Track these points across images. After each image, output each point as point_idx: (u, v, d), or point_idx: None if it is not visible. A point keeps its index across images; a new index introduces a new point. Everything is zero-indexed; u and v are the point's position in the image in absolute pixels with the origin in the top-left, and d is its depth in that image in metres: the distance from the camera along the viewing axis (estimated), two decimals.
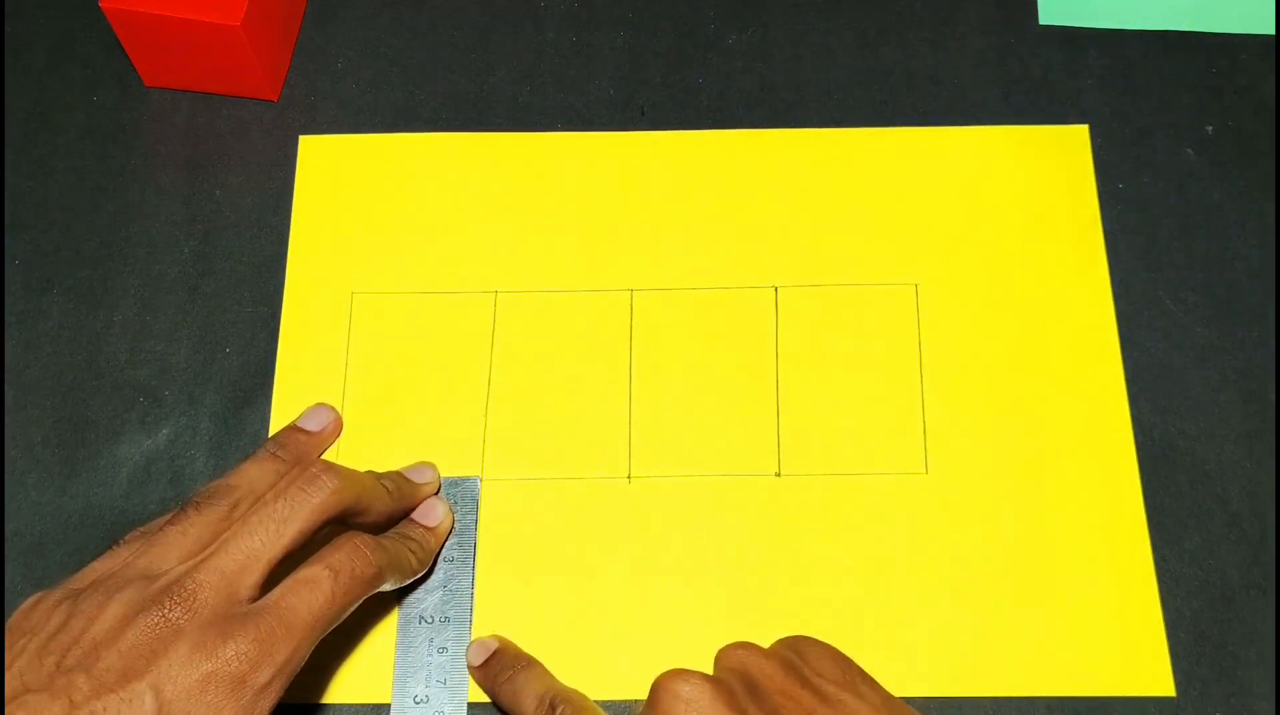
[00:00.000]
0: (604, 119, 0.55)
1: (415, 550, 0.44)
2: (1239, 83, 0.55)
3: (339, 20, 0.58)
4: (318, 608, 0.40)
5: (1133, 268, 0.51)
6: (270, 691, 0.38)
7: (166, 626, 0.38)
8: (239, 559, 0.39)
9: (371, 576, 0.41)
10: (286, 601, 0.39)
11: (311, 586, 0.40)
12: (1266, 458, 0.48)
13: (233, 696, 0.38)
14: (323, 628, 0.40)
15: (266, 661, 0.38)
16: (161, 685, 0.37)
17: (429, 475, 0.47)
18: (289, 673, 0.39)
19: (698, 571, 0.47)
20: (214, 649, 0.38)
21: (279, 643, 0.38)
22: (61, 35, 0.58)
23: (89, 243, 0.53)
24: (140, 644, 0.37)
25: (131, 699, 0.36)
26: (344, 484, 0.42)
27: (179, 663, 0.37)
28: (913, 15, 0.57)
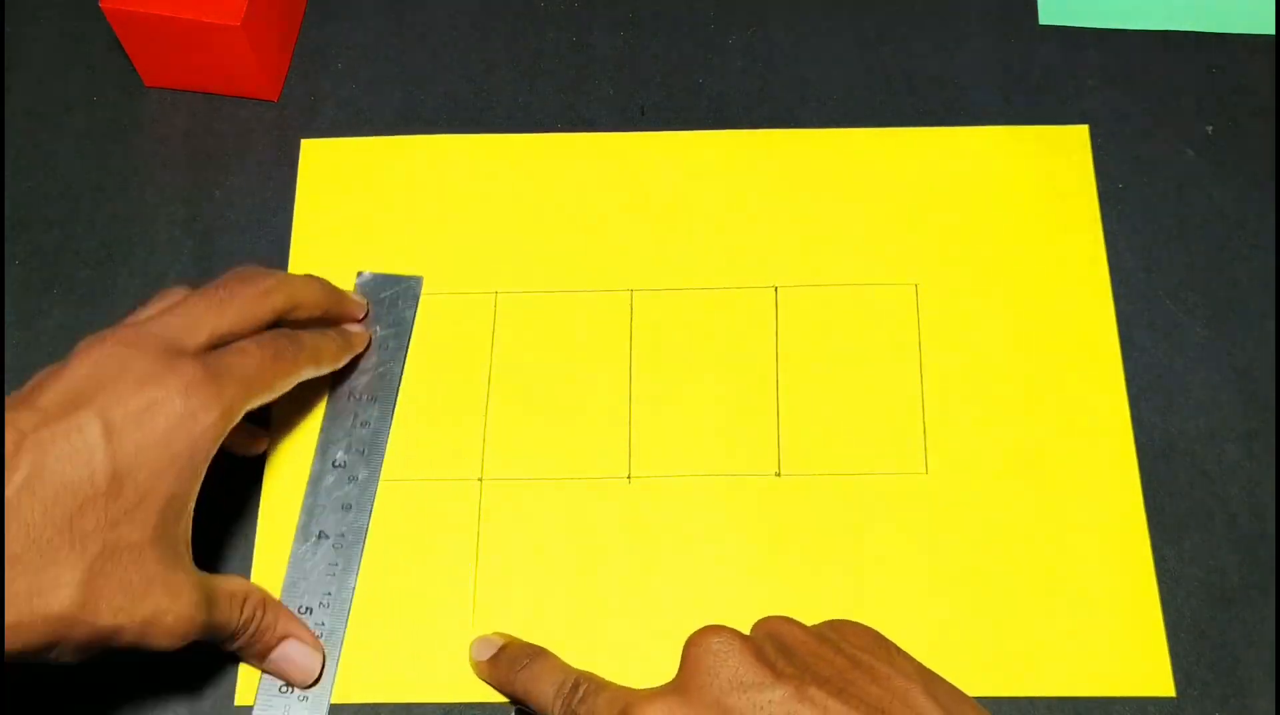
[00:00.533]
0: (604, 119, 0.55)
1: (334, 341, 0.48)
2: (1239, 83, 0.55)
3: (339, 20, 0.58)
4: (251, 369, 0.42)
5: (1133, 268, 0.51)
6: (212, 432, 0.40)
7: (111, 360, 0.40)
8: (184, 321, 0.42)
9: (293, 355, 0.44)
10: (222, 359, 0.42)
11: (243, 353, 0.43)
12: (1266, 458, 0.48)
13: (179, 429, 0.40)
14: (255, 391, 0.43)
15: (212, 402, 0.40)
16: (108, 411, 0.38)
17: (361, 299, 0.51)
18: (228, 418, 0.41)
19: (698, 571, 0.47)
20: (160, 379, 0.40)
21: (221, 387, 0.41)
22: (61, 35, 0.58)
23: (89, 243, 0.53)
24: (85, 377, 0.39)
25: (79, 426, 0.38)
26: (281, 277, 0.46)
27: (126, 391, 0.39)
28: (913, 15, 0.57)
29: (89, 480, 0.38)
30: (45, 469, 0.37)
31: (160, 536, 0.39)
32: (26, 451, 0.37)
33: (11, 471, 0.37)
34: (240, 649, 0.44)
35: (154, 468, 0.39)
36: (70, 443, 0.38)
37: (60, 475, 0.38)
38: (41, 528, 0.37)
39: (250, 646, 0.44)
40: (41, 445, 0.38)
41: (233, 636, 0.43)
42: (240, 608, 0.43)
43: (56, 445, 0.38)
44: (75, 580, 0.37)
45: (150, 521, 0.39)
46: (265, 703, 0.45)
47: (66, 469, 0.38)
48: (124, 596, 0.38)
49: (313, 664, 0.44)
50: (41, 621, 0.37)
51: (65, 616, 0.37)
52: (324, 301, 0.48)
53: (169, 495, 0.40)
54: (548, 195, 0.53)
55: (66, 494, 0.38)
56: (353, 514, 0.47)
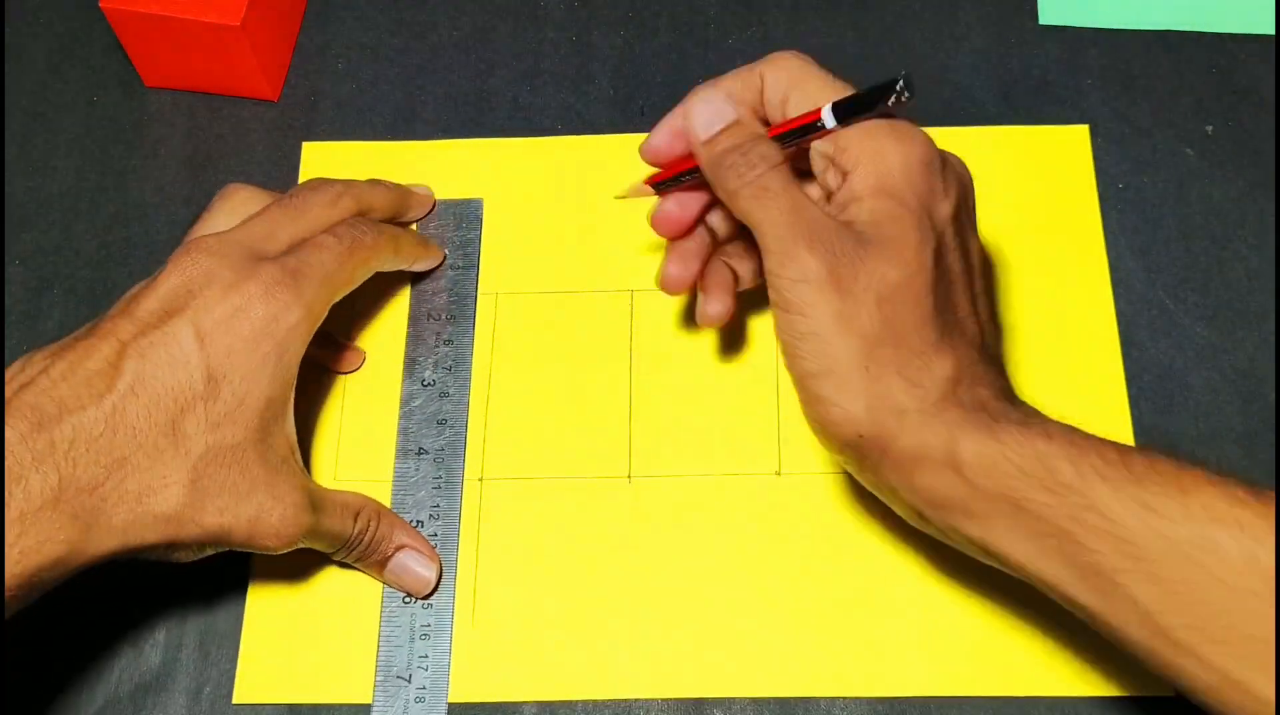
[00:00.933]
0: (604, 119, 0.55)
1: (413, 236, 0.50)
2: (1239, 83, 0.55)
3: (339, 20, 0.58)
4: (329, 264, 0.44)
5: (1133, 268, 0.51)
6: (299, 332, 0.42)
7: (198, 269, 0.41)
8: (264, 228, 0.44)
9: (371, 244, 0.46)
10: (301, 256, 0.43)
11: (319, 247, 0.44)
12: (1267, 458, 0.48)
13: (265, 332, 0.41)
14: (336, 284, 0.44)
15: (294, 301, 0.42)
16: (199, 318, 0.40)
17: (425, 190, 0.52)
18: (313, 318, 0.43)
19: (698, 571, 0.47)
20: (244, 285, 0.41)
21: (302, 285, 0.42)
22: (61, 35, 0.58)
23: (89, 243, 0.53)
24: (175, 288, 0.41)
25: (174, 333, 0.40)
26: (349, 183, 0.47)
27: (213, 299, 0.41)
28: (913, 15, 0.57)
29: (188, 384, 0.40)
30: (146, 375, 0.39)
31: (260, 439, 0.41)
32: (128, 358, 0.39)
33: (115, 377, 0.39)
34: (358, 560, 0.45)
35: (246, 370, 0.41)
36: (168, 349, 0.40)
37: (160, 380, 0.39)
38: (146, 431, 0.39)
39: (367, 557, 0.45)
40: (141, 352, 0.40)
41: (348, 548, 0.44)
42: (354, 519, 0.44)
43: (155, 351, 0.40)
44: (181, 480, 0.39)
45: (250, 424, 0.41)
46: (390, 617, 0.46)
47: (165, 374, 0.40)
48: (228, 497, 0.40)
49: (429, 573, 0.46)
50: (152, 520, 0.39)
51: (174, 516, 0.39)
52: (393, 202, 0.49)
53: (265, 397, 0.41)
54: (548, 197, 0.53)
55: (168, 398, 0.39)
56: (449, 428, 0.49)
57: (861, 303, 0.37)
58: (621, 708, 0.45)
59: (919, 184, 0.38)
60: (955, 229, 0.39)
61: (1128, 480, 0.34)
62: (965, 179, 0.41)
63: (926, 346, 0.37)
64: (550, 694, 0.45)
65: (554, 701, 0.45)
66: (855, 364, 0.37)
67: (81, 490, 0.37)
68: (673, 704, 0.45)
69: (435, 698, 0.45)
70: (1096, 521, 0.34)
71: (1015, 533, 0.36)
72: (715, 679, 0.45)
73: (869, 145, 0.38)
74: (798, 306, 0.38)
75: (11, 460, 0.36)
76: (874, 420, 0.37)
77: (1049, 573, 0.36)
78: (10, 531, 0.36)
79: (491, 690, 0.45)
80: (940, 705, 0.45)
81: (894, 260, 0.37)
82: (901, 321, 0.37)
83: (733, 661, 0.45)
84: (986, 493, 0.36)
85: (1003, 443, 0.36)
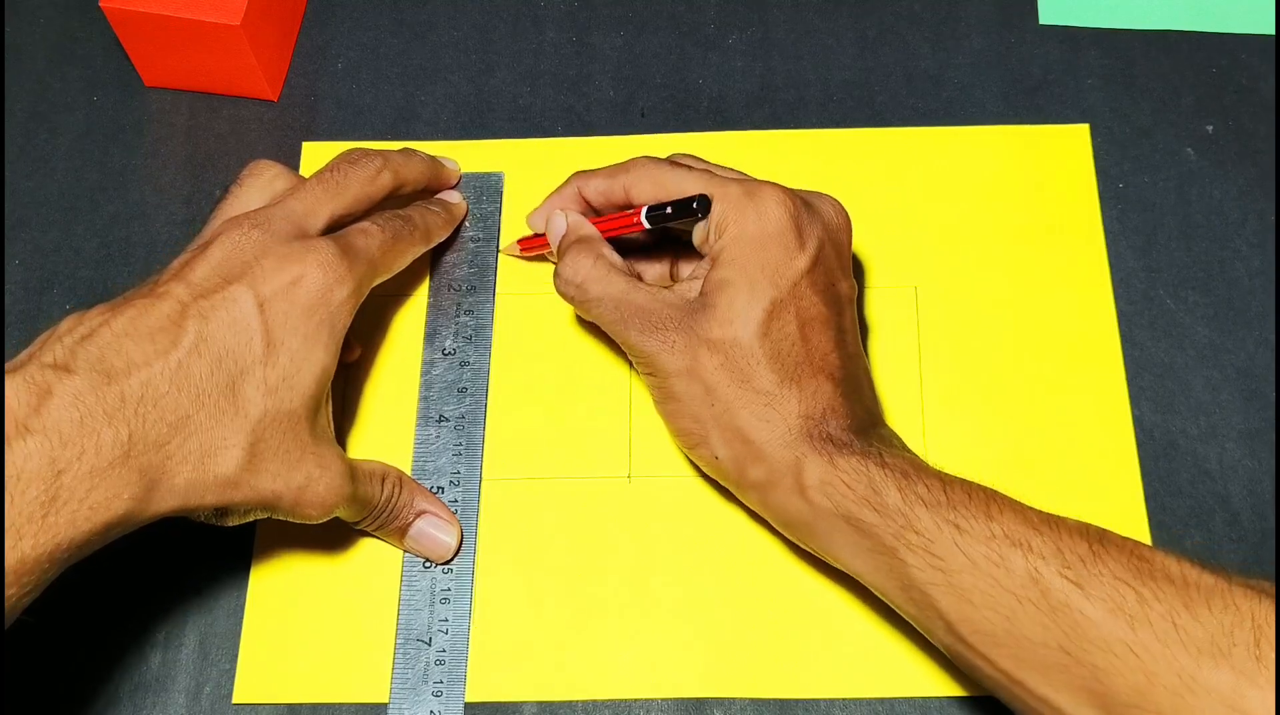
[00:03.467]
0: (604, 120, 0.55)
1: (440, 215, 0.50)
2: (1239, 83, 0.55)
3: (339, 20, 0.58)
4: (375, 250, 0.45)
5: (1133, 268, 0.51)
6: (347, 306, 0.43)
7: (249, 241, 0.42)
8: (306, 205, 0.44)
9: (409, 234, 0.48)
10: (350, 239, 0.45)
11: (367, 234, 0.45)
12: (1267, 457, 0.48)
13: (320, 302, 0.42)
14: (378, 269, 0.46)
15: (346, 275, 0.43)
16: (258, 285, 0.41)
17: (453, 163, 0.53)
18: (359, 294, 0.44)
19: (698, 571, 0.47)
20: (298, 258, 0.42)
21: (352, 263, 0.43)
22: (61, 35, 0.58)
23: (89, 243, 0.53)
24: (229, 257, 0.42)
25: (235, 298, 0.40)
26: (387, 157, 0.48)
27: (270, 268, 0.41)
28: (913, 15, 0.57)
29: (247, 348, 0.40)
30: (208, 335, 0.40)
31: (311, 408, 0.42)
32: (191, 318, 0.40)
33: (179, 335, 0.39)
34: (379, 528, 0.46)
35: (301, 338, 0.41)
36: (229, 312, 0.40)
37: (222, 341, 0.40)
38: (208, 392, 0.39)
39: (389, 524, 0.46)
40: (203, 313, 0.40)
41: (374, 516, 0.45)
42: (380, 485, 0.45)
43: (217, 313, 0.40)
44: (240, 443, 0.40)
45: (304, 391, 0.41)
46: (411, 581, 0.46)
47: (227, 335, 0.40)
48: (281, 462, 0.41)
49: (450, 539, 0.46)
50: (212, 481, 0.39)
51: (232, 478, 0.39)
52: (426, 175, 0.50)
53: (318, 366, 0.42)
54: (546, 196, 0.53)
55: (229, 359, 0.40)
56: (469, 396, 0.49)
57: (697, 358, 0.42)
58: (621, 708, 0.45)
59: (765, 249, 0.43)
60: (810, 281, 0.43)
61: (944, 505, 0.39)
62: (832, 225, 0.45)
63: (770, 386, 0.42)
64: (550, 694, 0.45)
65: (554, 701, 0.45)
66: (701, 403, 0.43)
67: (149, 447, 0.37)
68: (673, 704, 0.45)
69: (455, 660, 0.45)
70: (915, 540, 0.39)
71: (851, 549, 0.40)
72: (715, 679, 0.45)
73: (732, 216, 0.43)
74: (647, 370, 0.44)
75: (83, 411, 0.36)
76: (727, 446, 0.42)
77: (879, 584, 0.40)
78: (80, 486, 0.36)
79: (492, 690, 0.45)
80: (941, 705, 0.45)
81: (719, 321, 0.42)
82: (740, 367, 0.42)
83: (733, 661, 0.45)
84: (826, 512, 0.40)
85: (839, 469, 0.40)
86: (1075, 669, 0.35)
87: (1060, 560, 0.37)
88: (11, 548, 0.34)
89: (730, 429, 0.42)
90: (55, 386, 0.36)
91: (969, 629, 0.38)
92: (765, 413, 0.42)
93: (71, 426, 0.36)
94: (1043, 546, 0.37)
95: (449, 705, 0.45)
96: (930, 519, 0.38)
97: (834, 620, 0.46)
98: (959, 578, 0.37)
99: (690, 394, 0.43)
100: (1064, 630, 0.36)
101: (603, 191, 0.48)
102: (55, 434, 0.36)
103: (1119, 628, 0.35)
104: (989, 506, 0.39)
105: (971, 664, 0.38)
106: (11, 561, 0.34)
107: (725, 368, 0.42)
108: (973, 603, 0.37)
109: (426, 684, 0.45)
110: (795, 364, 0.42)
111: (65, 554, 0.36)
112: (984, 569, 0.37)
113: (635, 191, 0.47)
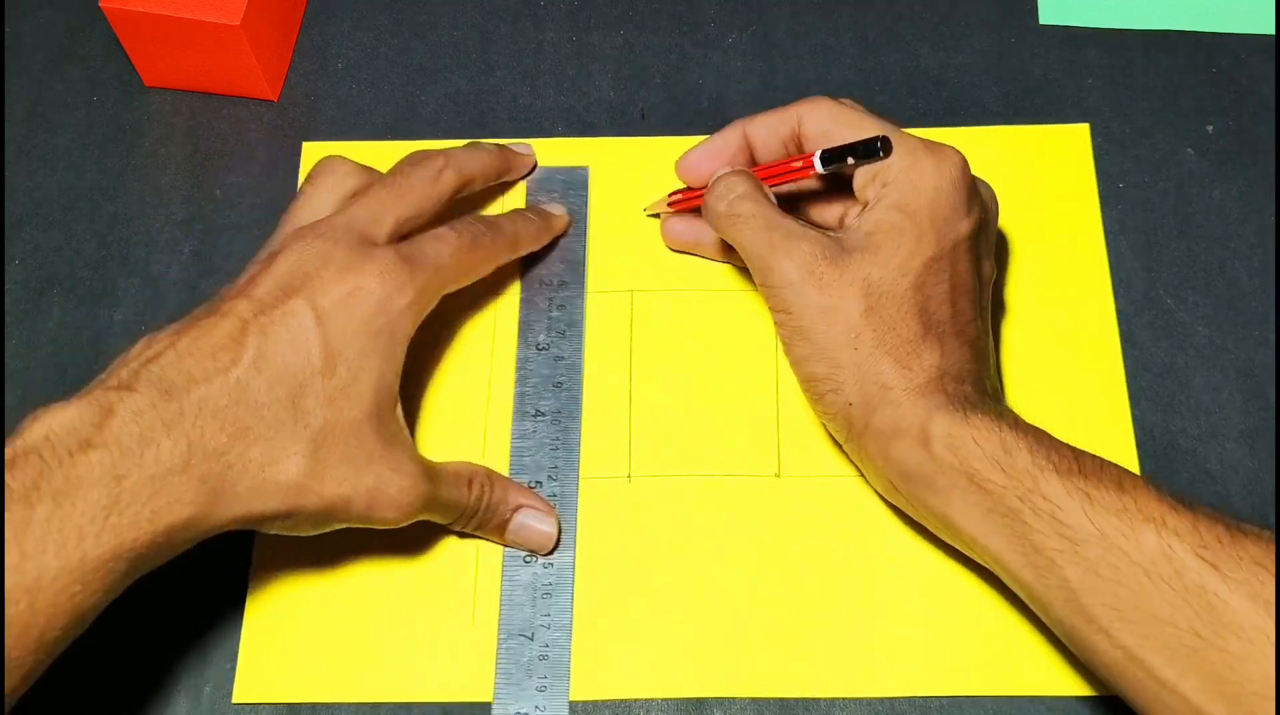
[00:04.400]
0: (604, 120, 0.55)
1: (534, 223, 0.50)
2: (1239, 83, 0.55)
3: (339, 20, 0.58)
4: (446, 253, 0.45)
5: (1133, 268, 0.51)
6: (409, 315, 0.43)
7: (312, 252, 0.43)
8: (370, 212, 0.45)
9: (490, 245, 0.47)
10: (417, 245, 0.45)
11: (439, 239, 0.45)
12: (1268, 457, 0.48)
13: (379, 312, 0.42)
14: (448, 276, 0.46)
15: (406, 284, 0.43)
16: (317, 298, 0.42)
17: (526, 148, 0.53)
18: (423, 303, 0.44)
19: (698, 571, 0.47)
20: (359, 267, 0.42)
21: (415, 271, 0.44)
22: (61, 35, 0.58)
23: (89, 243, 0.53)
24: (291, 269, 0.42)
25: (293, 312, 0.41)
26: (450, 156, 0.48)
27: (329, 280, 0.42)
28: (913, 15, 0.57)
29: (306, 361, 0.41)
30: (268, 351, 0.40)
31: (375, 414, 0.42)
32: (250, 335, 0.40)
33: (239, 352, 0.40)
34: (478, 527, 0.46)
35: (360, 349, 0.42)
36: (288, 327, 0.41)
37: (281, 356, 0.41)
38: (268, 405, 0.40)
39: (487, 522, 0.46)
40: (263, 329, 0.41)
41: (468, 516, 0.45)
42: (468, 486, 0.45)
43: (276, 329, 0.41)
44: (302, 451, 0.40)
45: (364, 400, 0.42)
46: (512, 576, 0.46)
47: (286, 351, 0.41)
48: (347, 468, 0.41)
49: (550, 529, 0.46)
50: (274, 487, 0.40)
51: (295, 485, 0.40)
52: (495, 167, 0.51)
53: (378, 375, 0.42)
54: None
55: (288, 374, 0.41)
56: (565, 391, 0.49)
57: (845, 296, 0.42)
58: (621, 708, 0.45)
59: (937, 204, 0.43)
60: (969, 246, 0.43)
61: (1076, 473, 0.38)
62: (990, 208, 0.45)
63: (913, 336, 0.42)
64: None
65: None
66: (843, 344, 0.42)
67: (208, 456, 0.39)
68: (673, 704, 0.45)
69: (558, 654, 0.45)
70: (1042, 505, 0.38)
71: (970, 508, 0.40)
72: (715, 679, 0.45)
73: (908, 164, 0.43)
74: (783, 306, 0.43)
75: (143, 426, 0.38)
76: (861, 391, 0.42)
77: (995, 546, 0.40)
78: (142, 491, 0.37)
79: (491, 691, 0.45)
80: (940, 705, 0.45)
81: (878, 263, 0.42)
82: (887, 313, 0.42)
83: (733, 661, 0.45)
84: (949, 468, 0.40)
85: (971, 426, 0.40)
86: (1205, 652, 0.34)
87: (1196, 539, 0.36)
88: (75, 547, 0.36)
89: (870, 373, 0.42)
90: (117, 405, 0.38)
91: (1093, 600, 0.37)
92: (907, 360, 0.41)
93: (132, 439, 0.38)
94: (1178, 524, 0.36)
95: (553, 700, 0.45)
96: (1060, 485, 0.38)
97: (834, 620, 0.46)
98: (1086, 548, 0.37)
99: (829, 336, 0.42)
100: (1196, 611, 0.35)
101: (772, 127, 0.47)
102: (116, 446, 0.37)
103: (1256, 614, 0.34)
104: (1121, 480, 0.38)
105: (1087, 640, 0.38)
106: (74, 559, 0.36)
107: (873, 311, 0.42)
108: (1099, 575, 0.36)
109: (530, 679, 0.45)
110: (940, 322, 0.42)
111: (131, 554, 0.37)
112: (1114, 541, 0.36)
113: (808, 122, 0.46)
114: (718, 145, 0.48)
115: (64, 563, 0.36)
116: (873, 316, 0.42)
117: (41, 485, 0.36)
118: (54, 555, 0.36)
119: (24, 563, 0.35)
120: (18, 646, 0.35)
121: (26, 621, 0.35)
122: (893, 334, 0.42)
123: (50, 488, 0.36)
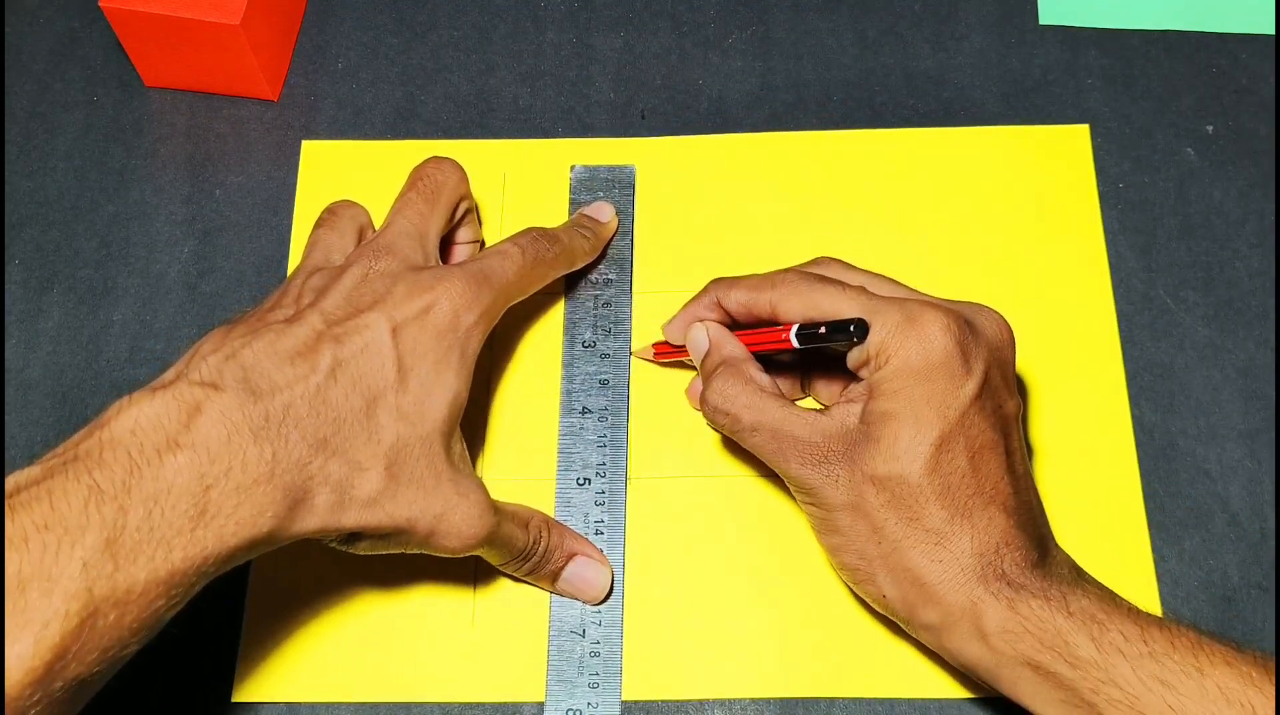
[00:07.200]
0: (604, 120, 0.55)
1: (588, 237, 0.50)
2: (1239, 83, 0.55)
3: (339, 20, 0.58)
4: (511, 271, 0.45)
5: (1133, 268, 0.51)
6: (477, 332, 0.43)
7: (380, 273, 0.43)
8: (414, 225, 0.45)
9: (551, 258, 0.47)
10: (482, 262, 0.45)
11: (503, 256, 0.45)
12: (1267, 457, 0.48)
13: (450, 329, 0.42)
14: (513, 292, 0.46)
15: (474, 302, 0.43)
16: (392, 312, 0.41)
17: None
18: (489, 319, 0.44)
19: (698, 571, 0.47)
20: (428, 286, 0.42)
21: (481, 288, 0.43)
22: (61, 35, 0.58)
23: (89, 243, 0.53)
24: (360, 287, 0.42)
25: (369, 324, 0.41)
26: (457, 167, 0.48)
27: (401, 296, 0.42)
28: (913, 15, 0.57)
29: (380, 372, 0.40)
30: (344, 359, 0.40)
31: (444, 434, 0.41)
32: (326, 343, 0.40)
33: (316, 359, 0.39)
34: (532, 571, 0.45)
35: (432, 365, 0.41)
36: (363, 338, 0.40)
37: (357, 367, 0.40)
38: (345, 416, 0.39)
39: (542, 568, 0.45)
40: (338, 338, 0.40)
41: (524, 558, 0.44)
42: (527, 528, 0.44)
43: (351, 339, 0.40)
44: (378, 467, 0.40)
45: (435, 417, 0.41)
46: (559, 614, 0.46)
47: (361, 361, 0.40)
48: (418, 489, 0.40)
49: (603, 579, 0.46)
50: (352, 502, 0.39)
51: (371, 501, 0.39)
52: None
53: (450, 392, 0.42)
54: (548, 198, 0.53)
55: (364, 384, 0.40)
56: (611, 388, 0.50)
57: (862, 493, 0.40)
58: (621, 708, 0.45)
59: (931, 380, 0.40)
60: (979, 407, 0.41)
61: (1146, 656, 0.37)
62: (996, 343, 0.42)
63: (940, 522, 0.40)
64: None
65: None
66: (867, 540, 0.41)
67: (292, 466, 0.37)
68: (673, 704, 0.45)
69: (610, 651, 0.45)
70: (1117, 696, 0.37)
71: (1043, 699, 0.39)
72: (716, 679, 0.45)
73: (892, 344, 0.41)
74: (808, 502, 0.43)
75: (229, 428, 0.36)
76: (895, 585, 0.41)
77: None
78: (228, 502, 0.36)
79: (492, 691, 0.45)
80: (942, 705, 0.45)
81: (882, 456, 0.40)
82: (907, 503, 0.40)
83: (733, 661, 0.45)
84: (1010, 660, 0.39)
85: (1021, 615, 0.38)
86: None
87: None
88: (163, 559, 0.35)
89: (899, 569, 0.40)
90: (205, 404, 0.36)
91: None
92: (936, 552, 0.40)
93: (219, 443, 0.36)
94: (1264, 706, 0.35)
95: (605, 698, 0.45)
96: (1133, 674, 0.36)
97: (834, 620, 0.46)
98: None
99: (855, 530, 0.41)
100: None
101: (745, 304, 0.46)
102: (204, 450, 0.36)
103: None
104: (1197, 656, 0.37)
105: None
106: (162, 573, 0.35)
107: (891, 505, 0.40)
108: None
109: (583, 675, 0.45)
110: (966, 497, 0.40)
111: (211, 566, 0.36)
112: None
113: (783, 308, 0.44)
114: (693, 312, 0.48)
115: (152, 575, 0.34)
116: (893, 510, 0.40)
117: (133, 488, 0.34)
118: (143, 567, 0.34)
119: (116, 575, 0.34)
120: (99, 661, 0.34)
121: (114, 636, 0.34)
122: (917, 525, 0.40)
123: (141, 493, 0.34)
